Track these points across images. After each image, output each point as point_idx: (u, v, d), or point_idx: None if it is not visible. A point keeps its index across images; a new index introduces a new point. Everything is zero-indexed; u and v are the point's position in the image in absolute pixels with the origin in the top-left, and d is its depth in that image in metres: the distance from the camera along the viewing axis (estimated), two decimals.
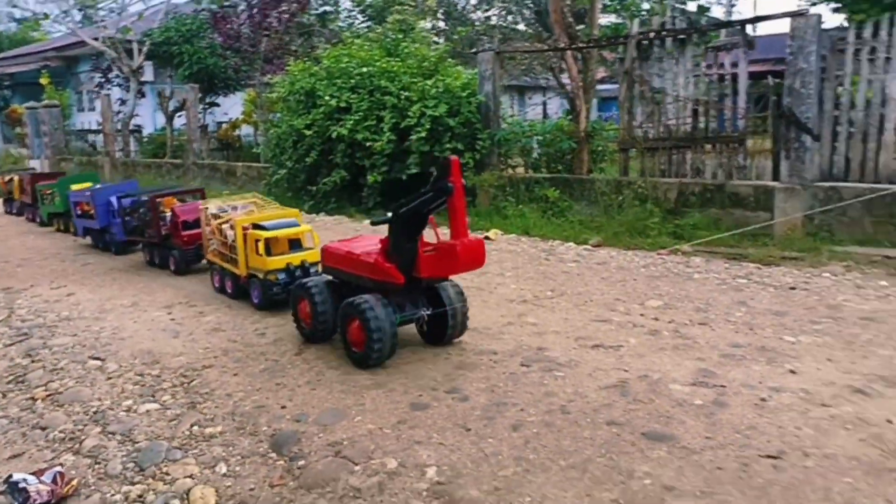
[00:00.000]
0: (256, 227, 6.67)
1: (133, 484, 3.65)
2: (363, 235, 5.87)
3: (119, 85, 24.28)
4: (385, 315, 4.79)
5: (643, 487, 3.39)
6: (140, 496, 3.53)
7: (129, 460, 3.88)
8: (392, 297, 4.99)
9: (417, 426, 4.11)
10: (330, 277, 5.55)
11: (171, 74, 25.44)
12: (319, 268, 6.18)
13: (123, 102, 23.88)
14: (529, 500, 3.34)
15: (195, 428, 4.23)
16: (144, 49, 22.82)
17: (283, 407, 4.47)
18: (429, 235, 4.92)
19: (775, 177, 10.01)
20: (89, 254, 10.35)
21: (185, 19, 23.79)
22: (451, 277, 5.26)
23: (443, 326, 5.30)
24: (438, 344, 5.41)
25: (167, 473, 3.72)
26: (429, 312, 5.19)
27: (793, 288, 6.87)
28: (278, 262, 6.50)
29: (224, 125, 25.80)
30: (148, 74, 25.39)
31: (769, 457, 3.62)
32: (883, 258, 8.16)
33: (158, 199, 8.78)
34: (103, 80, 24.27)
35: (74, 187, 11.74)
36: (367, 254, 5.04)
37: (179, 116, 23.40)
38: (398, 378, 4.82)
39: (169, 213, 8.54)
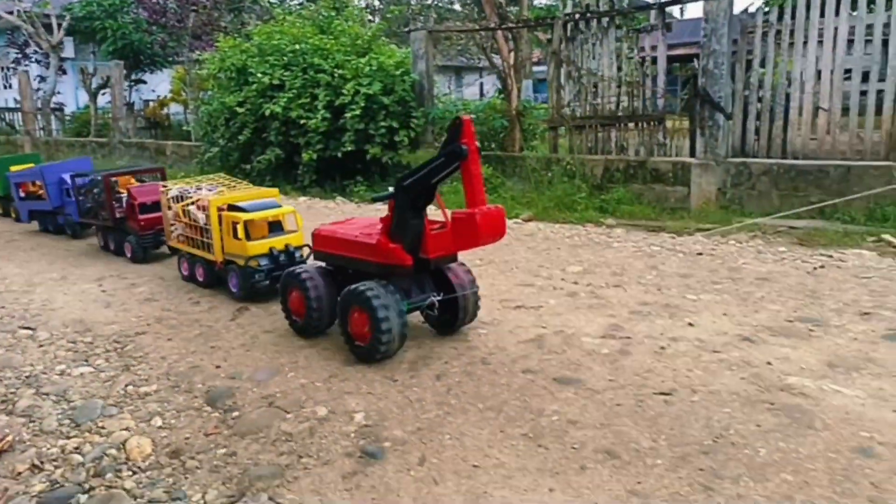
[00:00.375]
0: (233, 208, 6.06)
1: (69, 438, 3.78)
2: (355, 218, 5.39)
3: (38, 61, 23.29)
4: (392, 303, 4.30)
5: (550, 423, 3.75)
6: (76, 448, 3.67)
7: (64, 417, 4.00)
8: (397, 283, 4.49)
9: (348, 379, 4.37)
10: (323, 264, 5.05)
11: (95, 51, 24.57)
12: (304, 252, 6.00)
13: (43, 79, 22.94)
14: (449, 437, 3.66)
15: (130, 387, 4.37)
16: (64, 24, 21.92)
17: (218, 367, 4.64)
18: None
19: (692, 153, 10.62)
20: (15, 230, 10.11)
21: None
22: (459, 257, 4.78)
23: (453, 313, 4.85)
24: (447, 332, 5.01)
25: (103, 427, 3.86)
26: (439, 298, 4.68)
27: (700, 254, 7.43)
28: (260, 246, 5.92)
29: (152, 103, 25.09)
30: (69, 51, 24.42)
31: (662, 394, 4.05)
32: (788, 228, 8.84)
33: (113, 179, 8.07)
34: (20, 55, 23.21)
35: (14, 168, 10.80)
36: (368, 235, 4.54)
37: (104, 94, 22.65)
38: (332, 339, 5.05)
39: (125, 195, 7.93)
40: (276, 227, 6.20)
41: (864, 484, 3.12)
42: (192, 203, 6.45)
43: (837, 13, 9.06)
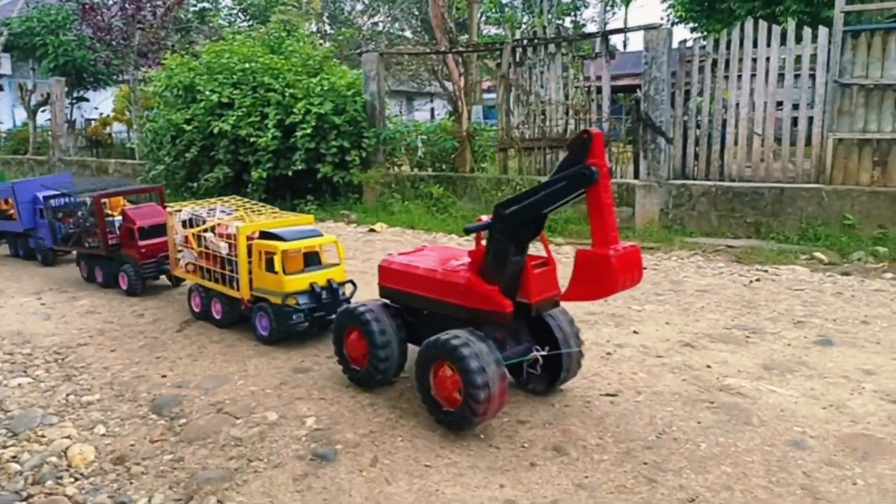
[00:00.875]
0: (267, 236, 5.10)
1: (5, 448, 3.64)
2: (425, 247, 4.60)
3: None
4: (492, 360, 3.47)
5: (501, 424, 3.81)
6: (14, 457, 3.54)
7: (1, 427, 3.84)
8: (489, 332, 3.66)
9: (299, 386, 4.35)
10: (387, 302, 4.22)
11: (34, 67, 23.86)
12: (349, 290, 5.22)
13: None
14: (401, 439, 3.67)
15: (71, 397, 4.24)
16: (2, 39, 21.28)
17: (164, 376, 4.55)
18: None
19: (636, 175, 10.99)
20: None
21: (50, 9, 22.40)
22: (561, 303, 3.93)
23: (553, 371, 4.00)
24: (541, 393, 4.14)
25: (43, 436, 3.74)
26: (543, 353, 3.86)
27: (644, 268, 7.66)
28: (299, 282, 4.94)
29: (94, 122, 24.48)
30: (6, 67, 23.67)
31: (608, 395, 4.17)
32: (725, 247, 9.22)
33: (104, 200, 7.10)
34: None
35: None
36: (453, 272, 3.74)
37: (43, 111, 22.00)
38: (282, 347, 5.02)
39: (118, 218, 7.00)
40: (312, 259, 5.19)
41: (796, 473, 3.28)
42: (210, 229, 5.54)
43: (769, 45, 9.60)
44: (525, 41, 11.80)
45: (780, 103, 9.81)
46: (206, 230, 5.59)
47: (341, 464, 3.44)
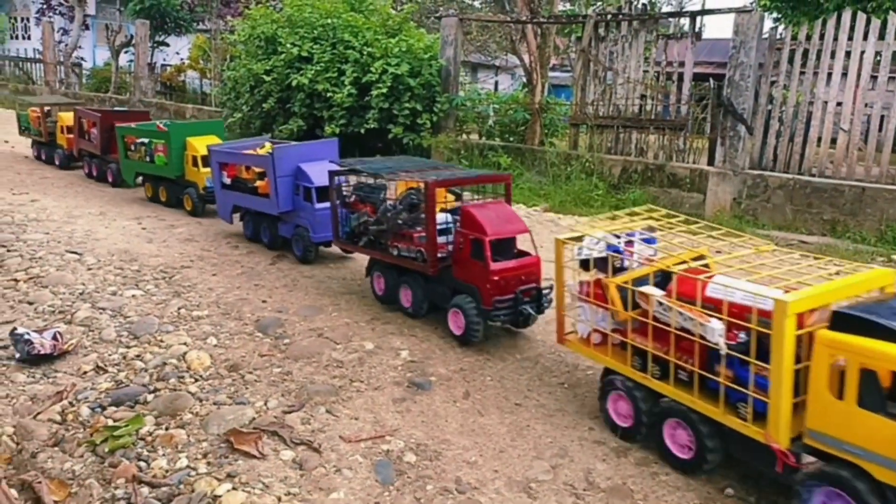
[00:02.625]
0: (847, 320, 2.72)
1: (128, 347, 3.97)
2: None
3: (61, 14, 23.29)
4: None
5: (585, 375, 3.96)
6: (138, 356, 3.86)
7: (122, 330, 4.18)
8: None
9: (390, 322, 4.58)
10: None
11: (120, 9, 24.56)
12: None
13: (66, 33, 22.96)
14: (490, 378, 3.88)
15: (182, 310, 4.56)
16: None
17: (264, 301, 4.84)
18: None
19: (710, 162, 10.86)
20: (44, 168, 10.23)
21: None
22: None
23: None
24: None
25: (161, 341, 4.06)
26: None
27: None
28: None
29: (169, 68, 25.17)
30: (91, 7, 24.42)
31: None
32: (798, 242, 9.10)
33: (436, 187, 4.48)
34: (44, 6, 23.23)
35: (196, 140, 7.71)
36: None
37: (126, 52, 22.70)
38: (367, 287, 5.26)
39: (446, 218, 4.62)
40: None
41: None
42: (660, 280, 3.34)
43: (865, 37, 9.32)
44: (609, 16, 11.67)
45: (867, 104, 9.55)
46: (660, 287, 3.29)
47: (436, 393, 3.66)
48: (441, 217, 4.54)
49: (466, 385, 3.77)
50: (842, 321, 2.70)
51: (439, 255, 4.46)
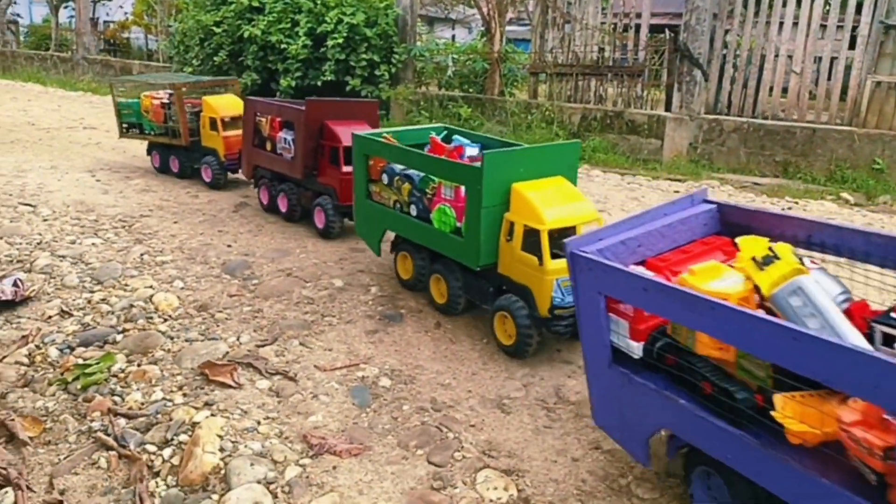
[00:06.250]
0: None
1: (93, 292, 3.91)
2: None
3: None
4: None
5: None
6: (103, 299, 3.80)
7: (85, 276, 4.11)
8: None
9: (358, 262, 4.59)
10: None
11: None
12: None
13: None
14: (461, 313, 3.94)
15: (146, 256, 4.49)
16: None
17: (229, 246, 4.79)
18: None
19: (667, 108, 11.00)
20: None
21: None
22: None
23: None
24: None
25: (126, 285, 4.00)
26: None
27: (677, 192, 7.86)
28: None
29: (112, 25, 24.09)
30: None
31: None
32: (752, 184, 9.35)
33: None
34: None
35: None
36: None
37: (65, 8, 21.62)
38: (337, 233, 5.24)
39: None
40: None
41: None
42: None
43: None
44: None
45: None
46: None
47: (408, 325, 3.71)
48: None
49: (437, 317, 3.83)
50: None
51: None
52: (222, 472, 2.40)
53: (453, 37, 34.83)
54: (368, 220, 4.23)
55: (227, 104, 6.04)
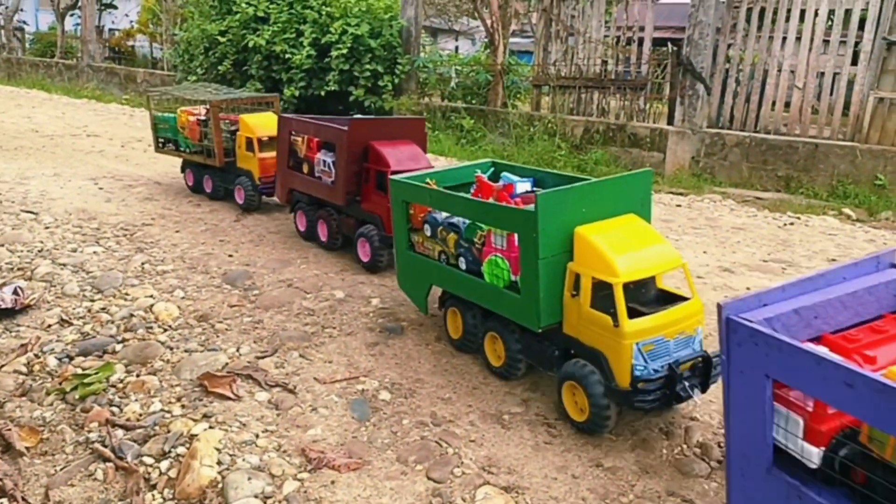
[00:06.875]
0: None
1: (93, 301, 3.90)
2: None
3: None
4: None
5: None
6: (103, 308, 3.79)
7: (85, 284, 4.10)
8: None
9: (360, 273, 4.58)
10: None
11: None
12: None
13: None
14: None
15: (146, 265, 4.48)
16: None
17: (230, 256, 4.78)
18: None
19: (670, 121, 11.02)
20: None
21: None
22: None
23: None
24: None
25: (127, 294, 3.99)
26: None
27: (679, 206, 7.85)
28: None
29: (117, 33, 24.22)
30: None
31: None
32: (754, 199, 9.35)
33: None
34: None
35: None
36: None
37: (72, 15, 21.75)
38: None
39: None
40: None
41: None
42: None
43: None
44: None
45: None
46: None
47: (408, 337, 3.69)
48: None
49: (438, 331, 3.81)
50: None
51: None
52: (219, 485, 2.38)
53: (457, 48, 35.04)
54: (412, 275, 3.73)
55: (265, 123, 5.68)
